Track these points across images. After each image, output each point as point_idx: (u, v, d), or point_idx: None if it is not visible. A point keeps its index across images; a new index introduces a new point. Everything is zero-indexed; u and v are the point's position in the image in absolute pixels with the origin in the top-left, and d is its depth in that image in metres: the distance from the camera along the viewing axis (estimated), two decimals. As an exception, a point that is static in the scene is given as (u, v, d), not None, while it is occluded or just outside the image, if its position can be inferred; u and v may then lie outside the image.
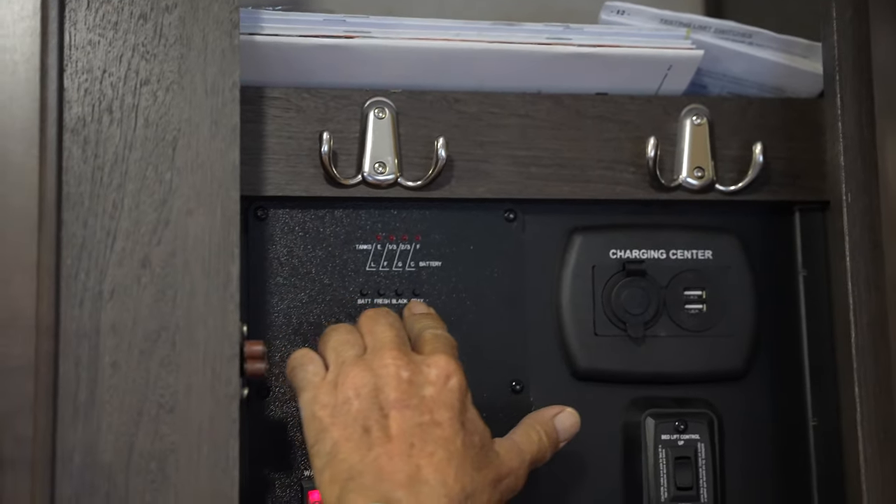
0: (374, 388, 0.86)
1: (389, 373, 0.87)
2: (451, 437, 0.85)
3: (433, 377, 0.87)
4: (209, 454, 0.82)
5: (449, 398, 0.87)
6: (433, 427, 0.85)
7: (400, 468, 0.82)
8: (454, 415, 0.86)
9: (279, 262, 1.01)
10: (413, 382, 0.87)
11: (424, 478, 0.82)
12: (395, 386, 0.86)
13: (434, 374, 0.88)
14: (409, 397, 0.86)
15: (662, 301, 1.04)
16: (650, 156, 1.02)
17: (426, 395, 0.86)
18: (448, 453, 0.84)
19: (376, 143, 1.00)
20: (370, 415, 0.85)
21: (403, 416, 0.85)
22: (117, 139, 0.85)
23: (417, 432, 0.84)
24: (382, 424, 0.85)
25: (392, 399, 0.86)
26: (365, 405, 0.85)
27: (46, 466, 0.80)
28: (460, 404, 0.87)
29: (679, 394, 1.04)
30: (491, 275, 1.03)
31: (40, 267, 0.81)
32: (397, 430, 0.84)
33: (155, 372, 0.83)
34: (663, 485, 1.01)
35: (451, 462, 0.83)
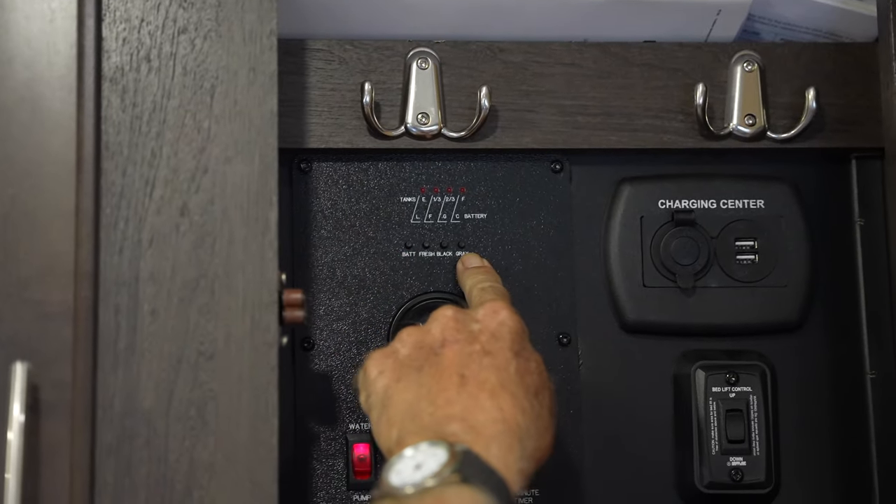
0: (422, 334, 0.85)
1: (436, 316, 0.86)
2: (504, 364, 0.82)
3: (480, 315, 0.86)
4: (249, 402, 0.82)
5: (499, 330, 0.85)
6: (483, 356, 0.83)
7: (454, 399, 0.80)
8: (505, 344, 0.84)
9: (323, 215, 1.01)
10: (460, 321, 0.85)
11: (481, 406, 0.79)
12: (444, 326, 0.85)
13: (482, 313, 0.86)
14: (457, 333, 0.84)
15: (713, 251, 1.02)
16: (699, 103, 1.00)
17: (474, 329, 0.85)
18: (501, 380, 0.81)
19: (419, 93, 0.99)
20: (419, 355, 0.84)
21: (452, 350, 0.83)
22: (155, 88, 0.84)
23: (468, 362, 0.82)
24: (433, 362, 0.83)
25: (440, 338, 0.84)
26: (414, 350, 0.84)
27: (87, 413, 0.80)
28: (512, 336, 0.85)
29: (730, 346, 1.02)
30: (537, 227, 1.02)
31: (79, 214, 0.81)
32: (448, 363, 0.82)
33: (194, 320, 0.82)
34: (714, 438, 0.99)
35: (505, 389, 0.81)
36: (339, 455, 0.98)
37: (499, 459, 0.77)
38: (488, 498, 0.73)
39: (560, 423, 0.97)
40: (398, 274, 1.00)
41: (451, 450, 0.76)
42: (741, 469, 0.98)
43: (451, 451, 0.75)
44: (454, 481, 0.74)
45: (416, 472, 0.75)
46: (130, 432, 0.81)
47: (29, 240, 0.80)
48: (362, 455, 0.97)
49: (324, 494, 0.98)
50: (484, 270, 0.97)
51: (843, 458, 1.03)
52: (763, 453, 0.98)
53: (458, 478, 0.74)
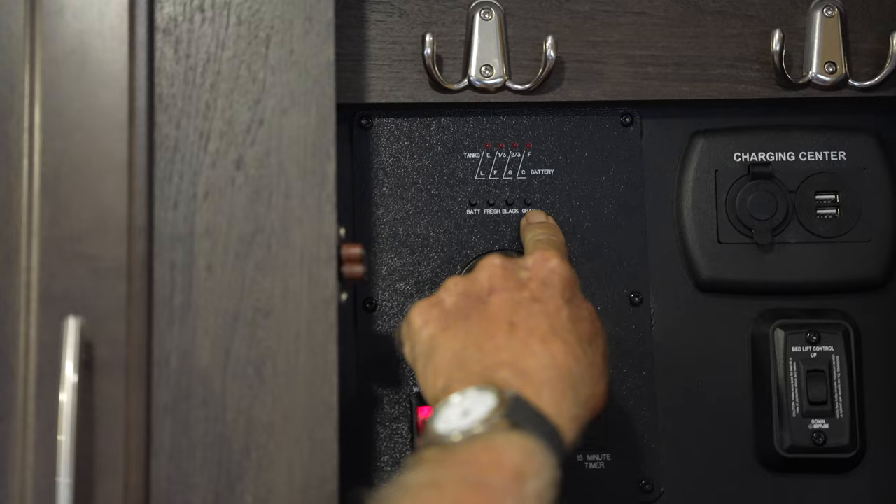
0: (469, 283, 0.82)
1: (484, 264, 0.83)
2: (555, 311, 0.79)
3: (530, 263, 0.83)
4: (307, 360, 0.79)
5: (549, 277, 0.81)
6: (533, 303, 0.79)
7: (503, 346, 0.77)
8: (556, 292, 0.80)
9: (384, 172, 0.98)
10: (508, 269, 0.82)
11: (531, 351, 0.76)
12: (491, 274, 0.82)
13: (531, 261, 0.83)
14: (505, 280, 0.81)
15: (792, 206, 0.98)
16: (776, 51, 0.96)
17: (523, 277, 0.82)
18: (552, 327, 0.78)
19: (482, 45, 0.96)
20: (466, 304, 0.81)
21: (501, 297, 0.80)
22: (209, 38, 0.82)
23: (517, 309, 0.79)
24: (480, 310, 0.80)
25: (489, 286, 0.81)
26: (461, 299, 0.81)
27: (142, 370, 0.78)
28: (562, 283, 0.81)
29: (811, 304, 0.98)
30: (607, 182, 0.99)
31: (132, 168, 0.79)
32: (496, 310, 0.79)
33: (250, 275, 0.80)
34: (794, 399, 0.95)
35: (556, 335, 0.77)
36: (404, 418, 0.95)
37: (551, 405, 0.73)
38: (540, 444, 0.70)
39: (632, 386, 0.97)
40: (462, 232, 0.98)
41: (501, 395, 0.73)
42: (824, 432, 0.94)
43: (500, 396, 0.72)
44: (504, 427, 0.71)
45: (463, 419, 0.72)
46: (187, 391, 0.79)
47: (80, 194, 0.79)
48: (427, 418, 0.94)
49: (388, 459, 0.95)
50: (545, 226, 0.94)
51: (932, 421, 0.98)
52: (847, 416, 0.95)
53: (507, 423, 0.71)
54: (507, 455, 0.69)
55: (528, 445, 0.70)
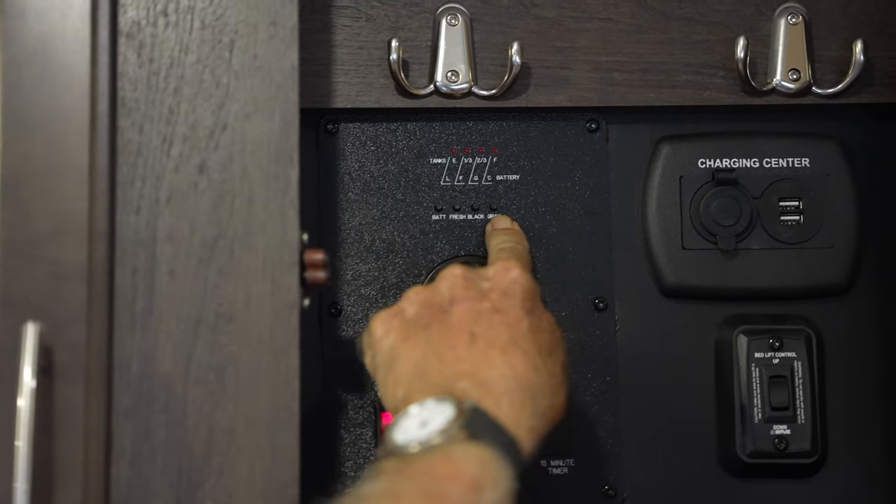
0: (430, 293, 0.82)
1: (445, 274, 0.83)
2: (515, 321, 0.79)
3: (491, 273, 0.83)
4: (269, 365, 0.79)
5: (510, 287, 0.81)
6: (494, 313, 0.79)
7: (463, 356, 0.77)
8: (517, 302, 0.80)
9: (350, 176, 0.98)
10: (470, 279, 0.82)
11: (492, 362, 0.76)
12: (452, 284, 0.82)
13: (492, 271, 0.83)
14: (466, 290, 0.81)
15: (756, 212, 0.98)
16: (740, 58, 0.96)
17: (484, 287, 0.82)
18: (513, 337, 0.78)
19: (449, 51, 0.96)
20: (427, 314, 0.81)
21: (462, 307, 0.80)
22: (173, 42, 0.82)
23: (478, 320, 0.79)
24: (441, 320, 0.80)
25: (450, 296, 0.81)
26: (422, 309, 0.81)
27: (102, 375, 0.77)
28: (524, 293, 0.81)
29: (774, 310, 0.98)
30: (572, 188, 0.99)
31: (93, 172, 0.79)
32: (457, 320, 0.79)
33: (213, 280, 0.80)
34: (757, 405, 0.95)
35: (517, 346, 0.77)
36: (368, 424, 0.95)
37: (510, 416, 0.73)
38: (498, 455, 0.70)
39: (596, 391, 0.97)
40: (428, 237, 0.98)
41: (460, 406, 0.72)
42: (785, 438, 0.95)
43: (459, 407, 0.72)
44: (462, 438, 0.71)
45: (421, 430, 0.72)
46: (148, 396, 0.78)
47: (41, 197, 0.78)
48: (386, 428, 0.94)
49: (352, 464, 0.95)
50: (510, 232, 0.94)
51: (893, 426, 0.98)
52: (808, 421, 0.95)
53: (465, 434, 0.71)
54: (465, 466, 0.69)
55: (485, 456, 0.70)
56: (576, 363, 0.97)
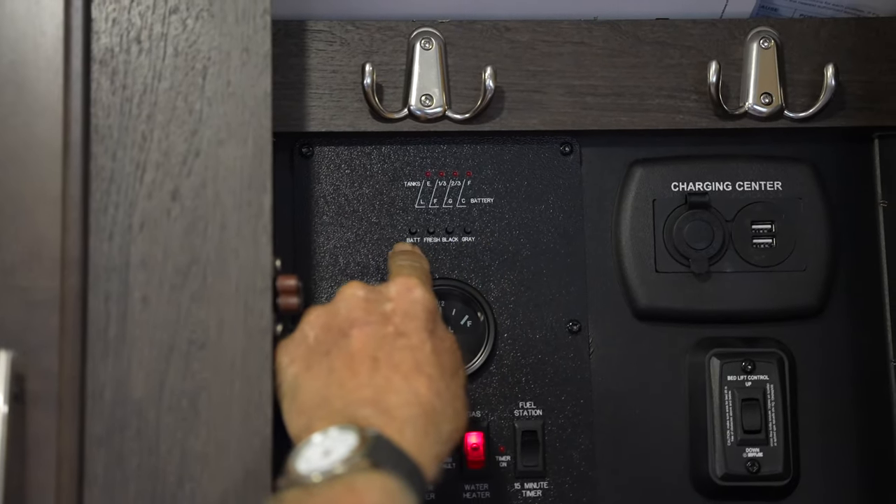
0: (330, 316, 0.82)
1: (346, 295, 0.82)
2: (419, 344, 0.79)
3: (393, 293, 0.82)
4: (241, 390, 0.80)
5: (412, 308, 0.81)
6: (397, 337, 0.79)
7: (365, 383, 0.77)
8: (420, 324, 0.80)
9: (325, 200, 0.99)
10: (371, 300, 0.82)
11: (395, 388, 0.76)
12: (353, 306, 0.81)
13: (394, 290, 0.82)
14: (368, 314, 0.81)
15: (728, 235, 0.99)
16: (713, 82, 0.97)
17: (387, 310, 0.81)
18: (417, 362, 0.78)
19: (423, 75, 0.97)
20: (328, 339, 0.80)
21: (364, 332, 0.80)
22: (146, 69, 0.82)
23: (381, 345, 0.79)
24: (342, 346, 0.80)
25: (351, 319, 0.81)
26: (322, 333, 0.81)
27: (75, 403, 0.78)
28: (426, 314, 0.81)
29: (747, 333, 0.99)
30: (546, 211, 1.00)
31: (66, 199, 0.79)
32: (359, 346, 0.79)
33: (186, 306, 0.80)
34: (730, 428, 0.96)
35: (420, 370, 0.78)
36: (342, 446, 0.96)
37: (413, 444, 0.73)
38: (401, 484, 0.70)
39: (570, 413, 0.97)
40: (403, 260, 0.98)
41: (362, 434, 0.72)
42: (758, 460, 0.95)
43: (361, 435, 0.72)
44: (365, 467, 0.71)
45: (324, 459, 0.72)
46: (121, 423, 0.79)
47: (14, 225, 0.78)
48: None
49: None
50: (410, 254, 0.93)
51: (866, 449, 0.99)
52: (781, 444, 0.96)
53: (368, 463, 0.71)
54: (368, 496, 0.69)
55: (389, 486, 0.70)
56: (550, 386, 0.98)
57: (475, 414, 0.98)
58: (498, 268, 0.99)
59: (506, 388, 0.98)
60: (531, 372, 0.98)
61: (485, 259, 0.99)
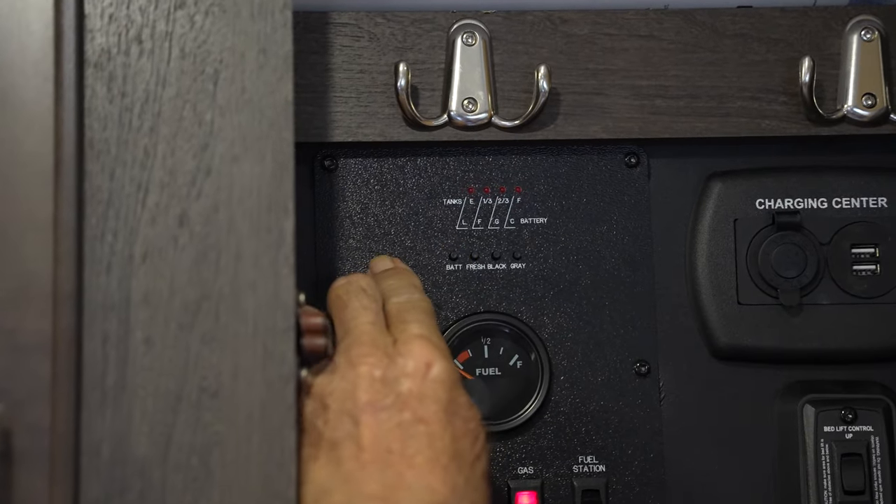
0: (343, 393, 0.83)
1: (359, 373, 0.83)
2: (439, 432, 0.81)
3: (410, 369, 0.83)
4: (261, 446, 0.81)
5: (432, 389, 0.83)
6: (416, 424, 0.81)
7: (374, 478, 0.80)
8: (440, 407, 0.82)
9: (351, 221, 1.00)
10: (387, 380, 0.83)
11: (406, 484, 0.79)
12: (367, 387, 0.83)
13: (411, 365, 0.83)
14: (382, 397, 0.82)
15: (824, 261, 1.00)
16: (805, 81, 0.97)
17: (403, 391, 0.83)
18: (435, 452, 0.80)
19: (465, 75, 0.98)
20: (339, 426, 0.82)
21: (377, 419, 0.82)
22: (148, 74, 0.83)
23: (396, 434, 0.81)
24: (353, 434, 0.82)
25: (363, 402, 0.82)
26: (333, 417, 0.82)
27: (68, 462, 0.79)
28: (448, 394, 0.83)
29: (846, 376, 1.00)
30: (609, 232, 1.01)
31: (58, 226, 0.80)
32: (370, 437, 0.81)
33: (195, 350, 0.81)
34: (827, 488, 0.97)
35: (437, 462, 0.80)
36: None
37: None
38: None
39: (638, 470, 0.98)
40: (442, 291, 1.00)
41: None
42: (861, 526, 0.96)
43: None
44: None
45: None
46: (121, 485, 0.80)
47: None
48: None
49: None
50: (397, 274, 0.92)
51: None
52: (888, 507, 0.96)
53: None
54: None
55: None
56: (614, 437, 0.99)
57: (527, 470, 0.99)
58: (553, 299, 1.00)
59: (563, 441, 0.99)
60: (592, 421, 0.99)
61: (537, 289, 1.00)
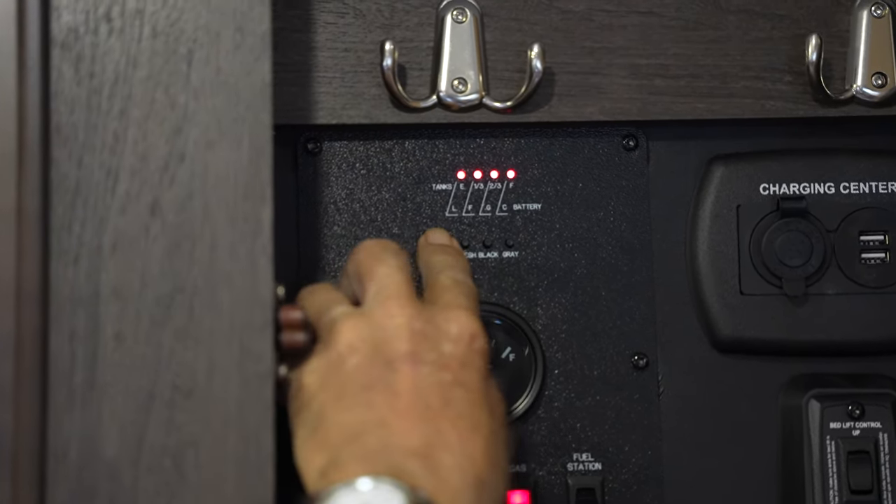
0: (376, 342, 0.82)
1: (397, 324, 0.82)
2: (480, 401, 0.80)
3: (454, 333, 0.83)
4: (237, 448, 0.80)
5: (474, 360, 0.82)
6: (456, 387, 0.80)
7: (413, 429, 0.78)
8: (479, 376, 0.81)
9: (336, 207, 0.99)
10: (427, 335, 0.82)
11: (447, 444, 0.77)
12: (407, 338, 0.81)
13: (455, 330, 0.83)
14: (424, 351, 0.81)
15: (831, 249, 0.99)
16: (812, 59, 0.97)
17: (446, 352, 0.82)
18: (475, 422, 0.79)
19: (455, 54, 0.97)
20: (371, 371, 0.80)
21: (418, 371, 0.80)
22: (118, 54, 0.82)
23: (436, 391, 0.79)
24: (389, 381, 0.80)
25: (403, 351, 0.81)
26: (364, 361, 0.81)
27: (33, 466, 0.78)
28: (483, 363, 0.82)
29: (854, 369, 1.00)
30: (606, 219, 1.00)
31: (21, 216, 0.79)
32: (408, 386, 0.79)
33: (168, 346, 0.80)
34: (833, 487, 0.96)
35: (478, 433, 0.78)
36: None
37: None
38: None
39: (635, 467, 0.99)
40: (431, 281, 0.98)
41: (414, 497, 0.73)
42: (869, 527, 0.96)
43: (413, 498, 0.73)
44: None
45: None
46: (90, 489, 0.79)
47: (-42, 249, 0.79)
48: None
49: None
50: (454, 253, 0.93)
51: None
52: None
53: None
54: None
55: None
56: (611, 433, 0.99)
57: (520, 468, 0.98)
58: (546, 289, 1.00)
59: (557, 437, 0.99)
60: (588, 417, 0.99)
61: (530, 279, 1.00)
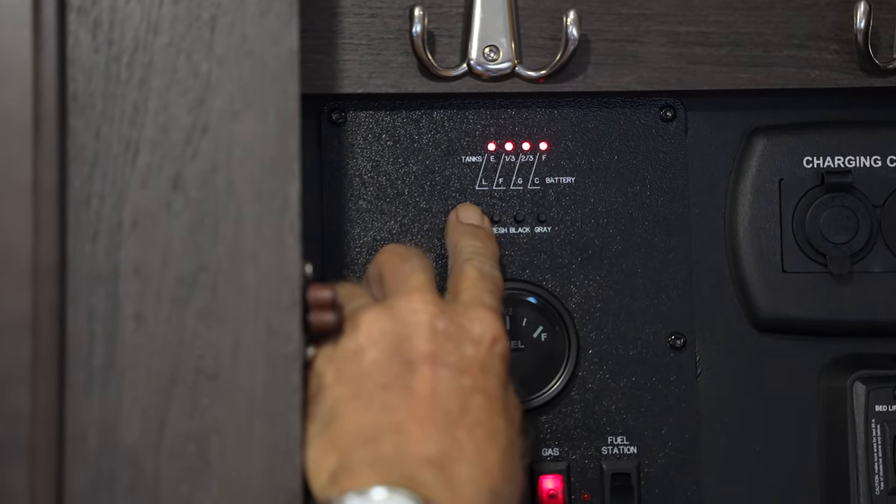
0: (396, 337, 0.81)
1: (420, 320, 0.81)
2: (499, 410, 0.79)
3: (476, 335, 0.82)
4: (263, 433, 0.79)
5: (496, 364, 0.81)
6: (476, 394, 0.79)
7: (430, 437, 0.77)
8: (499, 382, 0.81)
9: (361, 180, 0.98)
10: (451, 336, 0.81)
11: (464, 456, 0.77)
12: (428, 337, 0.80)
13: (478, 330, 0.82)
14: (445, 353, 0.80)
15: (877, 225, 0.99)
16: (860, 27, 0.96)
17: (467, 354, 0.81)
18: (493, 431, 0.78)
19: (486, 20, 0.97)
20: (390, 369, 0.79)
21: (437, 374, 0.79)
22: (138, 20, 0.81)
23: (455, 397, 0.79)
24: (407, 381, 0.79)
25: (423, 352, 0.80)
26: (383, 358, 0.80)
27: (52, 451, 0.77)
28: (506, 376, 0.82)
29: (900, 350, 1.00)
30: (642, 193, 0.99)
31: (38, 190, 0.78)
32: (427, 390, 0.79)
33: (191, 326, 0.79)
34: (878, 472, 0.95)
35: (495, 443, 0.78)
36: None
37: None
38: None
39: (672, 451, 0.99)
40: (460, 256, 0.97)
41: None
42: (916, 515, 0.97)
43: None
44: None
45: None
46: (109, 475, 0.78)
47: (-29, 225, 0.79)
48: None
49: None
50: (484, 237, 0.93)
51: None
52: (945, 494, 0.96)
53: None
54: None
55: None
56: (647, 416, 0.98)
57: (552, 452, 0.98)
58: (581, 266, 0.99)
59: (591, 420, 0.98)
60: (623, 399, 0.98)
61: (564, 255, 0.99)
